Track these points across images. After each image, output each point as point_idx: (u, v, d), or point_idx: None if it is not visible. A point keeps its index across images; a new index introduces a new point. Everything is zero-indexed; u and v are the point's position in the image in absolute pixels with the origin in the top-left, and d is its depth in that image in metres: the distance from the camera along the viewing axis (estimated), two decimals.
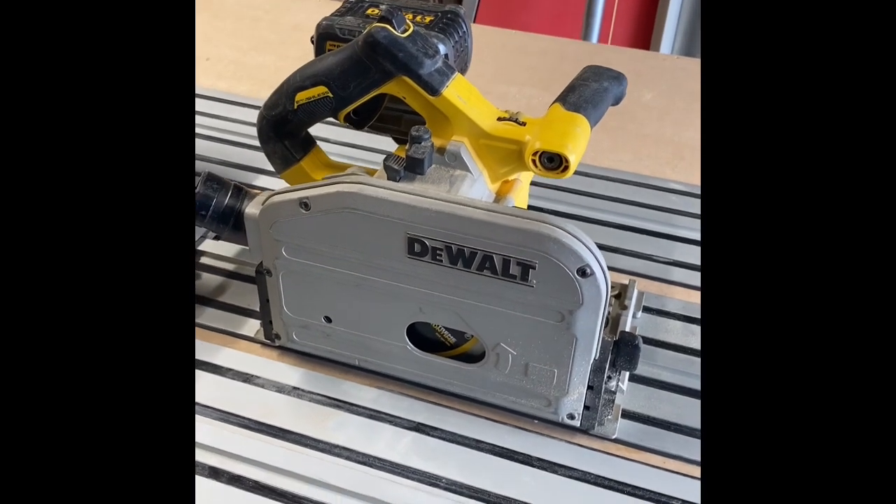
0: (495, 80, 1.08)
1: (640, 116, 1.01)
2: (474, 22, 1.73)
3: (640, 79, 1.09)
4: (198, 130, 0.94)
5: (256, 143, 0.69)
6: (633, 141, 0.96)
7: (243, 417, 0.60)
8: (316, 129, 0.64)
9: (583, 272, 0.50)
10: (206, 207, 0.58)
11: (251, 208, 0.57)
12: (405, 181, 0.54)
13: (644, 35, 1.90)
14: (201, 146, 0.92)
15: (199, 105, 0.99)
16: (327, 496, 0.54)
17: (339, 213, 0.53)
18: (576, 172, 0.88)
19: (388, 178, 0.54)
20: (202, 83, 1.05)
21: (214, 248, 0.76)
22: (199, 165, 0.88)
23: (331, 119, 0.60)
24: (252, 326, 0.68)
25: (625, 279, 0.70)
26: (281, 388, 0.62)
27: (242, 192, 0.59)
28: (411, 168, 0.54)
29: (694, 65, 1.16)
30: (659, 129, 0.98)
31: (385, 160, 0.54)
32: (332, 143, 0.91)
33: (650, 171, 0.90)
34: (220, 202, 0.58)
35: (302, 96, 0.59)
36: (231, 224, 0.59)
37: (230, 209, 0.58)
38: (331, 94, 0.58)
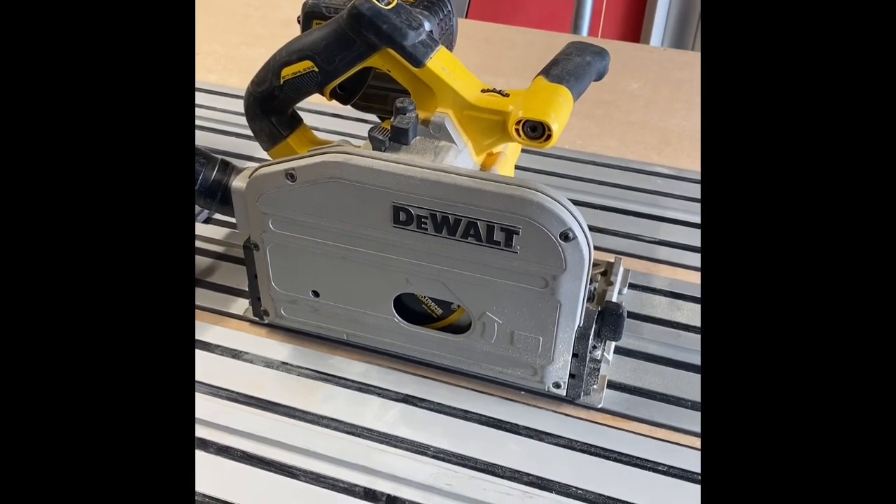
0: (481, 71, 1.08)
1: (626, 105, 1.02)
2: (466, 17, 1.75)
3: (626, 69, 1.10)
4: None
5: (246, 131, 0.70)
6: (620, 128, 0.97)
7: (231, 391, 0.60)
8: (305, 119, 0.65)
9: (565, 236, 0.50)
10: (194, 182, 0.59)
11: (238, 181, 0.58)
12: (390, 152, 0.55)
13: (633, 33, 1.92)
14: None
15: None
16: (315, 465, 0.55)
17: (324, 183, 0.54)
18: (564, 158, 0.90)
19: (374, 149, 0.55)
20: None
21: (204, 231, 0.76)
22: None
23: (321, 107, 0.61)
24: (241, 305, 0.68)
25: (611, 258, 0.70)
26: (269, 364, 0.63)
27: (230, 166, 0.60)
28: (396, 138, 0.55)
29: (679, 55, 1.17)
30: (645, 117, 0.99)
31: (370, 131, 0.55)
32: (320, 131, 0.91)
33: (637, 156, 0.91)
34: (207, 176, 0.59)
35: (288, 71, 0.60)
36: (218, 198, 0.59)
37: (217, 183, 0.59)
38: (316, 69, 0.58)
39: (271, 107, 0.62)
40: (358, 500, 0.53)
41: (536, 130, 0.54)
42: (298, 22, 0.65)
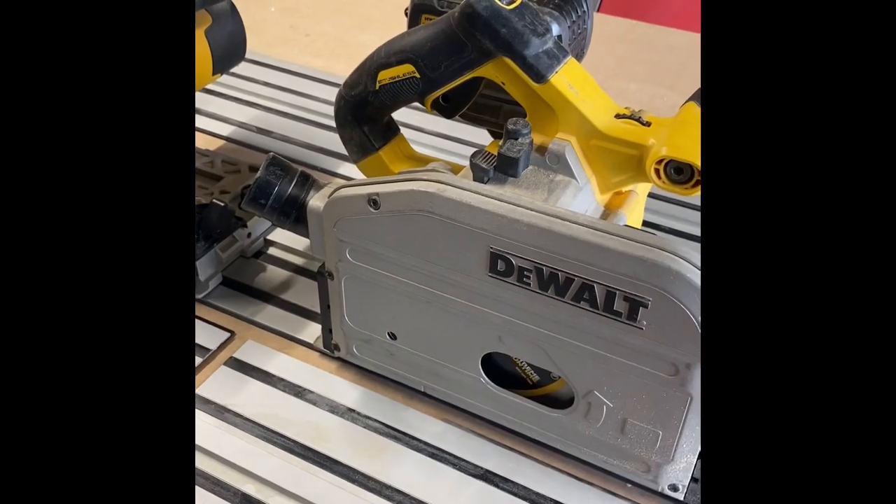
0: (611, 75, 0.97)
1: None
2: (598, 12, 1.61)
3: None
4: (285, 110, 0.88)
5: None
6: None
7: (288, 439, 0.52)
8: (404, 115, 0.56)
9: None
10: (267, 196, 0.51)
11: (315, 201, 0.50)
12: (493, 184, 0.45)
13: None
14: (287, 126, 0.85)
15: (291, 83, 0.93)
16: None
17: (411, 215, 0.45)
18: None
19: (474, 179, 0.45)
20: (298, 60, 0.99)
21: (284, 237, 0.69)
22: (282, 147, 0.82)
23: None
24: (313, 331, 0.60)
25: None
26: (335, 408, 0.54)
27: (309, 180, 0.51)
28: (503, 168, 0.45)
29: None
30: None
31: (472, 157, 0.45)
32: (423, 132, 0.82)
33: None
34: (283, 191, 0.50)
35: (385, 75, 0.51)
36: (293, 217, 0.51)
37: (293, 199, 0.51)
38: (418, 75, 0.49)
39: (364, 114, 0.53)
40: None
41: (683, 174, 0.42)
42: (406, 14, 0.56)
